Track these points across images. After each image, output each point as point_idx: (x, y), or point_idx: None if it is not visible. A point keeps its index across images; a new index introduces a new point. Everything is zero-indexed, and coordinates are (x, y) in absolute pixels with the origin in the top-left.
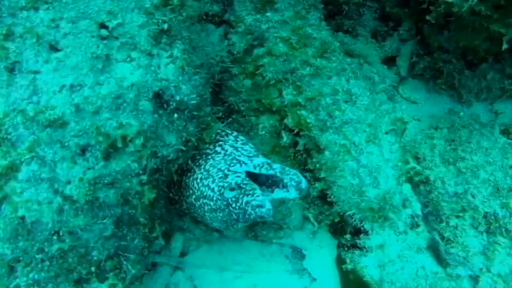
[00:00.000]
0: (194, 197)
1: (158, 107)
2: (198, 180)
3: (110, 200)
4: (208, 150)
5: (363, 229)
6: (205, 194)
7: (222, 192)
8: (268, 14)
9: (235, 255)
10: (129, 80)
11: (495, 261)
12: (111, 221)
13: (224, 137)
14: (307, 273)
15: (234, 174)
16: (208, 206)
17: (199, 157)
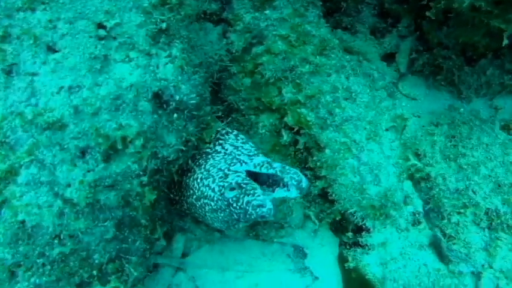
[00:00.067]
0: (195, 197)
1: (158, 107)
2: (199, 180)
3: (111, 202)
4: (209, 150)
5: (364, 227)
6: (206, 194)
7: (222, 192)
8: (266, 11)
9: (236, 255)
10: (128, 81)
11: (497, 257)
12: (112, 223)
13: (225, 135)
14: (309, 272)
15: (235, 174)
16: (209, 206)
17: (199, 157)
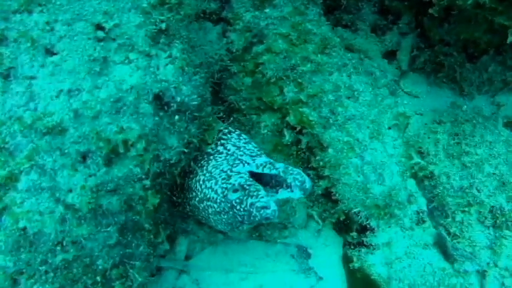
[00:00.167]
0: (197, 199)
1: (159, 109)
2: (201, 182)
3: (114, 207)
4: (210, 150)
5: (369, 226)
6: (209, 196)
7: (225, 194)
8: (266, 10)
9: (240, 256)
10: (128, 83)
11: (502, 255)
12: (115, 228)
13: (227, 135)
14: (313, 272)
15: (237, 175)
16: (212, 209)
17: (201, 158)
